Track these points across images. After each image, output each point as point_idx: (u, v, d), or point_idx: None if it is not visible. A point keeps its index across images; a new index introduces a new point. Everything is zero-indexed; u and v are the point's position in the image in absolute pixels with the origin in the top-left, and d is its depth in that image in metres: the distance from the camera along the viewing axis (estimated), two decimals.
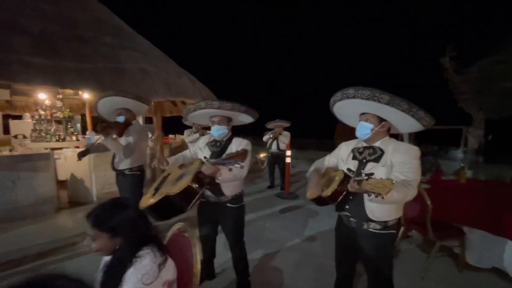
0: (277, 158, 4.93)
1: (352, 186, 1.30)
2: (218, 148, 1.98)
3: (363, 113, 1.54)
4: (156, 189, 1.98)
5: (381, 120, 1.50)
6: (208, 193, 1.94)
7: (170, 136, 8.01)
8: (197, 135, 4.56)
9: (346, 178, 1.52)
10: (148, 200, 1.89)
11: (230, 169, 1.62)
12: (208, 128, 4.62)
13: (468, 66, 8.54)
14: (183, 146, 7.39)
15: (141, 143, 2.59)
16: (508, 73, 7.62)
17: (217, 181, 1.74)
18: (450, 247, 2.51)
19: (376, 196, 1.16)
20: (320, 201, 1.65)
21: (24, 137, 6.90)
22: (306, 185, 1.76)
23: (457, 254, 2.48)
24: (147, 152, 4.63)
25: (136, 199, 2.63)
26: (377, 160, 1.50)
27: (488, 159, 6.86)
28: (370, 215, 1.48)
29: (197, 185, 1.65)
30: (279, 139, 4.74)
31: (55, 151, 4.47)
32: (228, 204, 1.96)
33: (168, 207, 1.74)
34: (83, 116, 8.25)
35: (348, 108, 1.57)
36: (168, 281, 1.07)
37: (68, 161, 4.52)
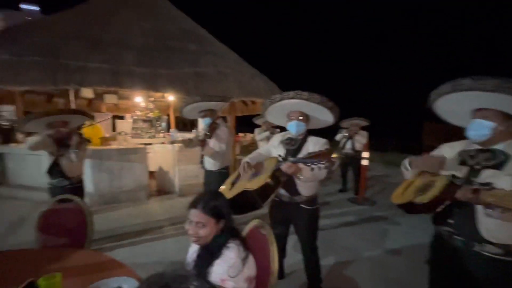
0: (351, 160, 4.58)
1: (464, 195, 1.05)
2: (294, 147, 1.91)
3: (480, 109, 1.24)
4: (233, 184, 2.08)
5: (508, 117, 1.18)
6: (282, 191, 1.91)
7: (240, 134, 8.42)
8: (268, 133, 4.62)
9: (451, 185, 1.25)
10: (225, 193, 1.99)
11: (312, 169, 1.54)
12: (279, 127, 4.62)
13: None
14: (252, 144, 7.69)
15: (230, 145, 2.80)
16: None
17: (298, 181, 1.69)
18: None
19: (502, 212, 0.91)
20: (410, 208, 1.41)
21: (126, 134, 8.40)
22: (384, 191, 1.54)
23: None
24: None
25: None
26: (498, 166, 1.19)
27: None
28: (485, 234, 1.16)
29: (273, 183, 1.65)
30: (354, 139, 4.39)
31: (147, 146, 5.23)
32: (302, 205, 1.89)
33: (244, 202, 1.78)
34: (168, 116, 9.49)
35: (460, 103, 1.28)
36: (250, 277, 1.07)
37: (157, 154, 5.23)
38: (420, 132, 8.97)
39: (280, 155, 1.94)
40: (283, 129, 2.08)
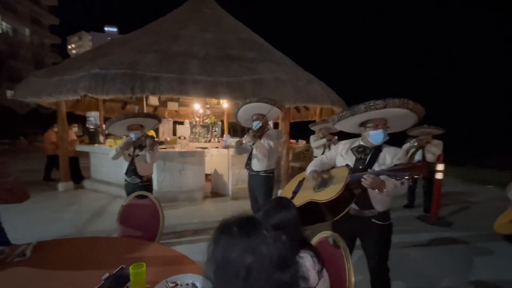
0: None
1: None
2: (367, 156, 1.74)
3: None
4: (294, 193, 2.00)
5: None
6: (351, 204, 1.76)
7: (292, 140, 8.31)
8: (324, 140, 4.44)
9: None
10: None
11: (403, 183, 1.38)
12: (336, 134, 4.37)
13: None
14: (305, 151, 7.52)
15: (278, 148, 2.73)
16: None
17: (375, 194, 1.54)
18: None
19: None
20: None
21: (184, 138, 9.07)
22: (462, 210, 1.26)
23: None
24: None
25: (267, 198, 2.80)
26: None
27: None
28: None
29: (347, 196, 1.52)
30: (426, 149, 3.90)
31: (204, 150, 5.51)
32: (373, 220, 1.71)
33: (310, 215, 1.68)
34: (222, 122, 9.96)
35: None
36: None
37: (213, 158, 5.47)
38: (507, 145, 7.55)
39: (347, 164, 1.80)
40: (341, 136, 1.90)
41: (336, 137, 4.62)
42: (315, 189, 1.78)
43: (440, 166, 3.65)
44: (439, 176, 3.67)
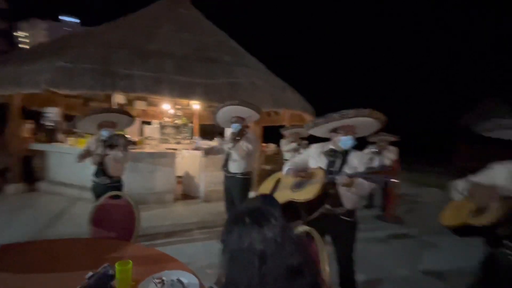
0: None
1: None
2: (338, 159, 1.93)
3: None
4: (272, 193, 2.12)
5: None
6: None
7: (263, 144, 8.50)
8: (295, 144, 4.66)
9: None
10: None
11: (372, 183, 1.57)
12: (306, 139, 4.61)
13: None
14: (275, 155, 7.72)
15: (256, 151, 2.83)
16: None
17: (346, 193, 1.72)
18: None
19: None
20: (464, 230, 1.40)
21: (152, 138, 8.75)
22: (413, 210, 1.52)
23: None
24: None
25: (244, 200, 2.88)
26: None
27: None
28: None
29: (323, 196, 1.67)
30: (383, 154, 4.31)
31: (175, 151, 5.41)
32: (342, 217, 1.89)
33: (289, 213, 1.81)
34: (192, 123, 9.80)
35: None
36: None
37: (184, 160, 5.40)
38: (449, 152, 8.60)
39: (320, 167, 1.97)
40: (310, 141, 2.07)
41: (306, 142, 4.89)
42: (292, 190, 1.92)
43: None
44: (395, 179, 4.09)
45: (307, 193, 1.63)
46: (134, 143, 2.89)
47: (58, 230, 3.27)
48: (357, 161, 1.85)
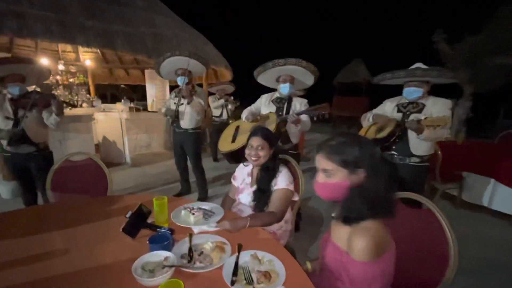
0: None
1: (411, 125, 1.79)
2: (284, 105, 2.39)
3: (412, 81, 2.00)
4: (234, 137, 2.42)
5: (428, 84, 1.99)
6: None
7: None
8: (222, 101, 4.91)
9: (398, 124, 2.02)
10: (229, 146, 2.35)
11: (314, 119, 2.08)
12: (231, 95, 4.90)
13: (459, 41, 9.18)
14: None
15: (205, 105, 2.93)
16: (496, 49, 8.33)
17: (294, 130, 2.21)
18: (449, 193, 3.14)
19: (434, 129, 1.67)
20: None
21: None
22: (313, 151, 2.26)
23: (454, 196, 3.13)
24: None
25: (198, 153, 3.04)
26: (420, 111, 2.00)
27: (471, 133, 7.63)
28: (413, 151, 1.99)
29: (277, 133, 2.10)
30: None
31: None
32: (290, 151, 2.43)
33: None
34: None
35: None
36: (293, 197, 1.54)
37: (98, 124, 4.74)
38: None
39: (271, 112, 2.40)
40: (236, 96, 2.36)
41: (232, 98, 5.20)
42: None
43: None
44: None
45: None
46: (66, 102, 2.40)
47: None
48: (298, 105, 2.37)
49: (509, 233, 2.66)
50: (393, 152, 2.11)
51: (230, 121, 5.45)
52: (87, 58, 7.01)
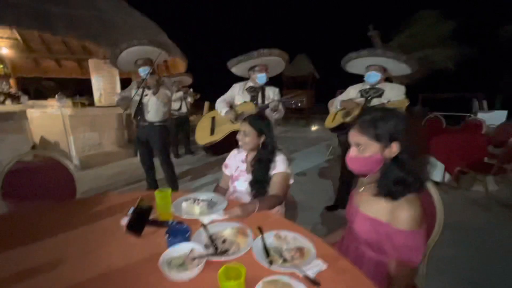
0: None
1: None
2: (258, 93, 2.41)
3: (371, 65, 2.22)
4: (212, 129, 2.35)
5: (385, 70, 2.23)
6: None
7: None
8: (181, 92, 4.68)
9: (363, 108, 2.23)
10: (209, 138, 2.29)
11: (294, 107, 2.15)
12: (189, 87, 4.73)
13: (389, 40, 10.54)
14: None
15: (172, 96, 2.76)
16: (418, 44, 9.78)
17: (275, 118, 2.24)
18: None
19: None
20: (341, 128, 2.36)
21: None
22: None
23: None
24: None
25: (166, 147, 2.86)
26: (380, 96, 2.25)
27: None
28: None
29: None
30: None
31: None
32: None
33: (234, 141, 2.15)
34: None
35: (360, 63, 2.26)
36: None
37: (34, 122, 4.04)
38: None
39: (246, 101, 2.40)
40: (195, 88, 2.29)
41: (191, 90, 4.99)
42: (232, 122, 2.26)
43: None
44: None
45: None
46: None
47: None
48: (272, 94, 2.42)
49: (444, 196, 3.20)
50: None
51: (189, 115, 5.24)
52: (3, 45, 5.84)
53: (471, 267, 1.84)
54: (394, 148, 0.83)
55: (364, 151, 0.86)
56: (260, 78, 2.33)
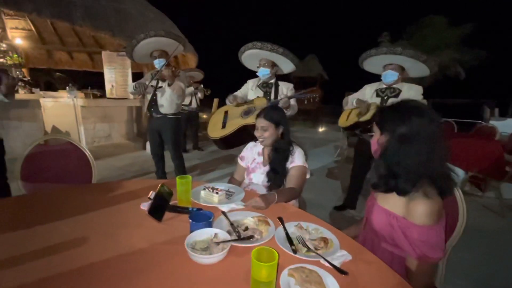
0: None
1: None
2: (271, 89, 2.40)
3: (389, 64, 2.19)
4: (224, 123, 2.35)
5: (403, 69, 2.19)
6: None
7: None
8: (192, 88, 4.69)
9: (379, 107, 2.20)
10: (220, 132, 2.28)
11: (305, 103, 2.14)
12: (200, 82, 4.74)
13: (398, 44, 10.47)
14: None
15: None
16: (427, 49, 9.66)
17: (288, 114, 2.23)
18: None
19: None
20: (355, 127, 2.34)
21: None
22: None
23: None
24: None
25: (178, 138, 2.87)
26: (397, 96, 2.21)
27: None
28: None
29: None
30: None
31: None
32: None
33: (244, 136, 2.13)
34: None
35: (378, 61, 2.21)
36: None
37: (47, 112, 4.10)
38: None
39: (259, 96, 2.39)
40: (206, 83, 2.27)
41: (201, 85, 4.99)
42: (242, 117, 2.25)
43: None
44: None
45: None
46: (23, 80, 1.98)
47: None
48: (285, 89, 2.40)
49: None
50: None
51: (200, 111, 5.26)
52: (17, 36, 5.93)
53: (486, 271, 1.81)
54: (382, 139, 0.90)
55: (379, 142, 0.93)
56: (262, 72, 2.31)
